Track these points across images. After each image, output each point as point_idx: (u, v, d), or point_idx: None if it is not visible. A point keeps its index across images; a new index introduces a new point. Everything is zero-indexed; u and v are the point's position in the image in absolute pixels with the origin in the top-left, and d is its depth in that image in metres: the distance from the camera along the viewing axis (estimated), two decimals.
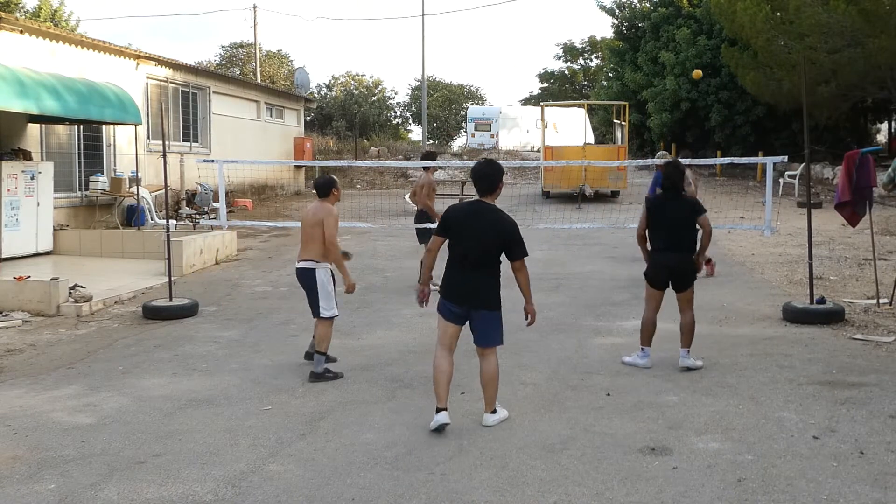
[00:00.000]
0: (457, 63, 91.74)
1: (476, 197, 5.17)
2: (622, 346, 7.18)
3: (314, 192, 6.62)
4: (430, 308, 9.04)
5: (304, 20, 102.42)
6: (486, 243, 5.01)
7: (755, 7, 20.29)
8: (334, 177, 6.66)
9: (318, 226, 6.31)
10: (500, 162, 5.53)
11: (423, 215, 10.06)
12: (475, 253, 5.02)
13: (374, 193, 23.61)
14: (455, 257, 5.09)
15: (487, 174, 5.13)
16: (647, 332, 6.53)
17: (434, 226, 10.00)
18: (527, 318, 5.24)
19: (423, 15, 36.18)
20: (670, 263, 6.38)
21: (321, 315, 6.35)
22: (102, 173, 14.71)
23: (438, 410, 5.03)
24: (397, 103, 52.47)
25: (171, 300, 8.79)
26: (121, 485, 4.34)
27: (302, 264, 6.40)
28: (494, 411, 5.19)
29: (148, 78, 16.86)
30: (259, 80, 33.54)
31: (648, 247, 6.57)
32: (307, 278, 6.37)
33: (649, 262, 6.54)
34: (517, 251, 5.08)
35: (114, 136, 15.15)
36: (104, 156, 15.06)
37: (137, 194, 14.15)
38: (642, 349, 6.54)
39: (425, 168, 10.39)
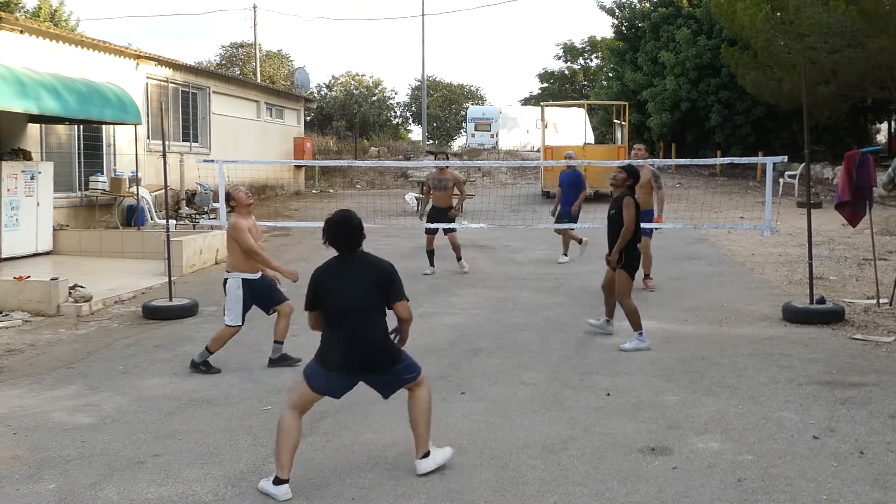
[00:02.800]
0: (457, 63, 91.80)
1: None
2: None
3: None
4: (431, 308, 9.09)
5: (304, 20, 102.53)
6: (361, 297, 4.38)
7: (755, 7, 20.29)
8: (230, 191, 6.95)
9: (231, 240, 6.64)
10: (500, 162, 5.45)
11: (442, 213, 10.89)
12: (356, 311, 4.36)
13: (374, 193, 23.60)
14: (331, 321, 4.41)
15: (347, 234, 4.61)
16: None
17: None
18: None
19: (423, 15, 36.20)
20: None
21: (224, 321, 6.66)
22: (102, 173, 14.70)
23: (281, 482, 4.18)
24: (397, 103, 52.53)
25: (170, 300, 8.79)
26: (121, 485, 4.34)
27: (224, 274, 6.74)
28: (427, 454, 4.45)
29: (148, 78, 16.86)
30: (259, 80, 33.54)
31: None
32: (224, 286, 6.69)
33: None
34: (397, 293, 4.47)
35: (114, 136, 15.14)
36: (104, 156, 15.05)
37: (137, 194, 14.14)
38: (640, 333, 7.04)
39: (441, 168, 11.04)
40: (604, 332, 7.50)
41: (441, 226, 10.77)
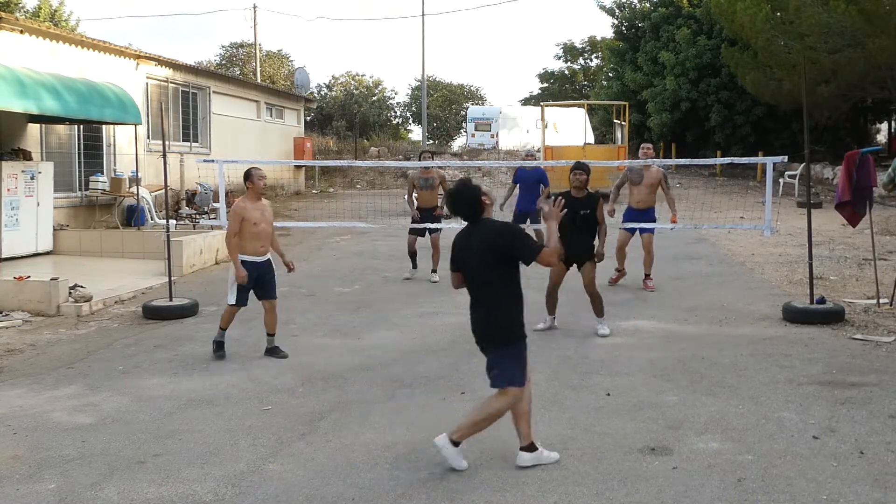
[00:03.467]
0: (457, 63, 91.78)
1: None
2: (622, 345, 7.18)
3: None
4: (431, 308, 9.08)
5: (304, 20, 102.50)
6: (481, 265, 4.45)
7: (755, 7, 20.30)
8: (251, 170, 7.10)
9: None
10: (500, 162, 5.47)
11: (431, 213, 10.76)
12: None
13: (374, 193, 23.61)
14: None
15: (462, 203, 4.53)
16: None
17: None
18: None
19: (423, 15, 36.20)
20: None
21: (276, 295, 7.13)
22: (102, 173, 14.70)
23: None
24: (397, 103, 52.52)
25: (171, 300, 8.79)
26: (121, 484, 4.34)
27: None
28: (456, 442, 4.44)
29: (148, 78, 16.86)
30: (259, 80, 33.54)
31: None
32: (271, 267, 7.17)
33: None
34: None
35: (114, 136, 15.14)
36: (104, 156, 15.05)
37: (137, 194, 14.14)
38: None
39: (425, 168, 10.84)
40: (547, 327, 7.79)
41: (428, 226, 10.69)
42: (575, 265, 7.67)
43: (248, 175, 6.99)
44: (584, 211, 7.40)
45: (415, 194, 11.04)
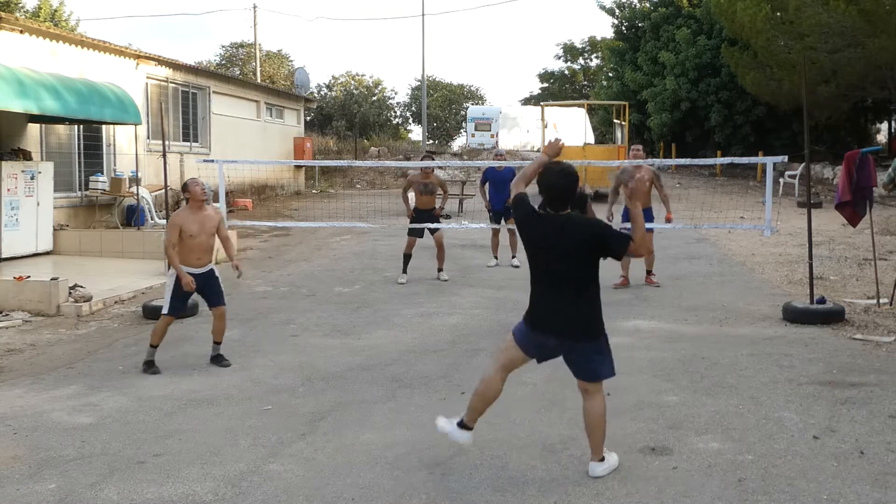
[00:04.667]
0: (457, 63, 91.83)
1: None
2: (622, 345, 7.16)
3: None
4: (431, 308, 9.08)
5: (304, 20, 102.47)
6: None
7: (755, 7, 20.30)
8: (187, 182, 6.94)
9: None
10: (501, 162, 5.29)
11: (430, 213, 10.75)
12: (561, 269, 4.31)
13: (374, 193, 23.61)
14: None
15: (563, 186, 4.29)
16: None
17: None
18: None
19: (423, 15, 36.21)
20: None
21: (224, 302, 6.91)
22: (102, 173, 14.70)
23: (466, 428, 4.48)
24: (397, 103, 52.53)
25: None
26: (121, 484, 4.34)
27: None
28: (602, 459, 4.40)
29: (148, 78, 16.86)
30: (259, 80, 33.54)
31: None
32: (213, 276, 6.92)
33: None
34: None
35: (114, 136, 15.14)
36: (104, 156, 15.05)
37: (137, 194, 14.15)
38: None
39: (426, 172, 10.87)
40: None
41: (427, 226, 10.62)
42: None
43: (184, 187, 6.91)
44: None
45: (411, 194, 10.99)
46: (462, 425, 4.47)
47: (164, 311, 6.74)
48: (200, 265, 6.74)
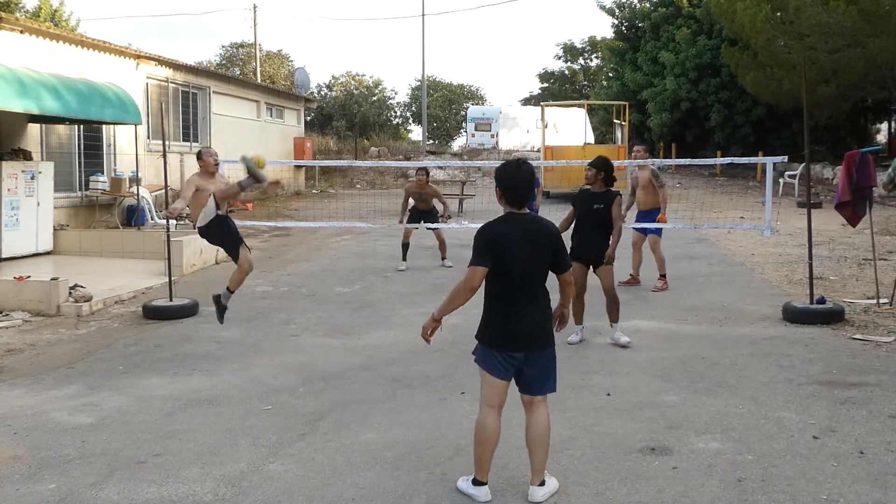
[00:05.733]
0: (457, 63, 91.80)
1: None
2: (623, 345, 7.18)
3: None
4: (431, 308, 9.03)
5: (304, 20, 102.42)
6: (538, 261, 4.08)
7: (755, 7, 20.31)
8: (202, 149, 8.41)
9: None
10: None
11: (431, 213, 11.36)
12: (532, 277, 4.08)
13: (374, 193, 23.61)
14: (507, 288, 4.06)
15: (524, 181, 4.09)
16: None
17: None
18: (555, 322, 4.27)
19: (423, 15, 36.21)
20: None
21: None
22: (102, 173, 14.71)
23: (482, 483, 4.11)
24: (397, 103, 52.53)
25: (171, 300, 8.79)
26: (121, 484, 4.34)
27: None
28: (543, 482, 4.10)
29: (148, 78, 16.86)
30: (259, 80, 33.55)
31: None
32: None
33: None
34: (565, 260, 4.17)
35: (114, 136, 15.15)
36: (104, 156, 15.06)
37: (137, 194, 14.15)
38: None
39: (421, 184, 11.38)
40: (580, 340, 7.30)
41: (427, 225, 11.12)
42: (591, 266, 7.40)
43: (199, 154, 8.29)
44: (598, 205, 7.26)
45: (411, 202, 11.51)
46: (476, 482, 4.12)
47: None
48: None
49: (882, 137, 31.31)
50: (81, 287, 9.16)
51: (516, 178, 4.05)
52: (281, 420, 5.34)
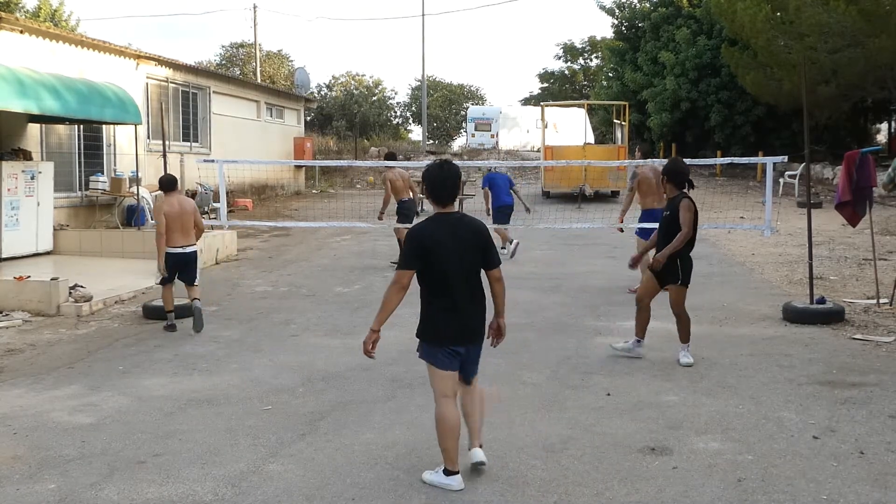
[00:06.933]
0: (457, 63, 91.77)
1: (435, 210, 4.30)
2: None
3: (163, 188, 8.16)
4: None
5: (304, 20, 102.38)
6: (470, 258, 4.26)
7: (755, 7, 20.31)
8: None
9: (191, 215, 8.00)
10: (501, 162, 5.24)
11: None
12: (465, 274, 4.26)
13: (375, 193, 23.60)
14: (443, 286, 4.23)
15: (451, 179, 4.27)
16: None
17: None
18: (490, 338, 4.43)
19: (423, 15, 36.20)
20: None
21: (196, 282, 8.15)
22: (102, 173, 14.71)
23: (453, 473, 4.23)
24: (397, 103, 52.50)
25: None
26: (121, 484, 4.34)
27: (188, 249, 8.04)
28: (482, 445, 4.46)
29: (148, 78, 16.86)
30: (259, 80, 33.54)
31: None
32: (192, 258, 8.08)
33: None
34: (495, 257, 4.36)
35: (114, 136, 15.15)
36: (104, 156, 15.06)
37: (137, 194, 14.14)
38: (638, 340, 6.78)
39: (391, 167, 11.80)
40: (631, 355, 6.71)
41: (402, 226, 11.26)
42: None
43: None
44: (665, 212, 6.70)
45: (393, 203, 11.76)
46: (448, 472, 4.21)
47: (158, 280, 8.20)
48: (181, 245, 7.97)
49: (882, 137, 31.30)
50: (81, 287, 9.16)
51: (439, 176, 4.24)
52: (281, 420, 5.34)
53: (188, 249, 8.02)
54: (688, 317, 6.63)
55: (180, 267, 7.99)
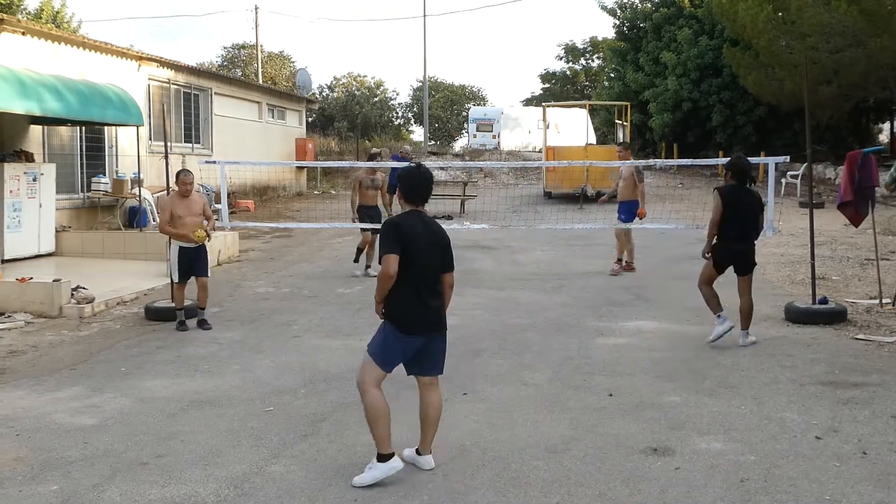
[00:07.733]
0: (458, 64, 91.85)
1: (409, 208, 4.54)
2: (625, 346, 7.17)
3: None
4: None
5: (305, 21, 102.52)
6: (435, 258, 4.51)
7: (757, 7, 20.29)
8: (179, 171, 8.46)
9: (200, 209, 8.24)
10: (502, 163, 5.40)
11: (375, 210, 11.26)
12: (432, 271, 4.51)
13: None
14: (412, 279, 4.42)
15: (427, 181, 4.55)
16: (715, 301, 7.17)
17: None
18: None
19: (424, 16, 36.16)
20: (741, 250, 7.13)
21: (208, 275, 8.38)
22: (104, 174, 14.71)
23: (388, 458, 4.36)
24: (399, 104, 52.46)
25: (173, 301, 8.78)
26: (123, 486, 4.35)
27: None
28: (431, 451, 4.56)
29: (150, 79, 16.87)
30: (261, 82, 33.56)
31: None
32: (203, 251, 8.27)
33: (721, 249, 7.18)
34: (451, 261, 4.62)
35: (116, 138, 15.15)
36: (106, 157, 15.06)
37: (139, 195, 14.15)
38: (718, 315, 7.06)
39: (373, 169, 11.46)
40: (726, 332, 7.04)
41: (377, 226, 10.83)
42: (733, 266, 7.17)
43: (177, 175, 8.34)
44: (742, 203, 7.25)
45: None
46: (382, 458, 4.32)
47: (175, 279, 8.19)
48: (191, 241, 8.07)
49: (884, 137, 31.25)
50: (83, 288, 9.17)
51: (418, 177, 4.53)
52: (283, 421, 5.34)
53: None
54: (752, 306, 7.14)
55: (192, 262, 8.19)
